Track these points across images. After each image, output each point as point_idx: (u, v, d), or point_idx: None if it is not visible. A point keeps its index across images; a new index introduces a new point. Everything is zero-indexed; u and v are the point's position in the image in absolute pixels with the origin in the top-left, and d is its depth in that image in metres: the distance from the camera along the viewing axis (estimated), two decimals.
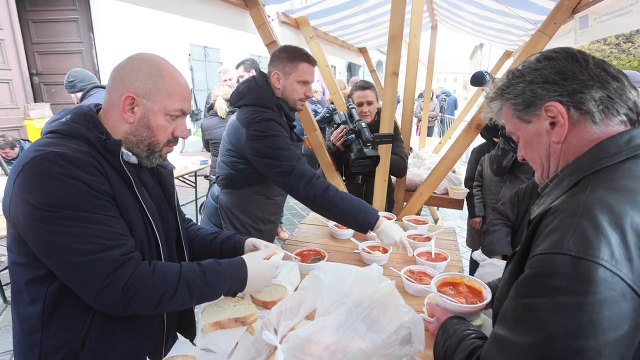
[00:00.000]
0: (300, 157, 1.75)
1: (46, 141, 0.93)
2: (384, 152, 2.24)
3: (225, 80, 4.25)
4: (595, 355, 0.55)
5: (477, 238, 3.02)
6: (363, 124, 2.15)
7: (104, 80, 5.15)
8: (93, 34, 6.59)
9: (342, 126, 2.33)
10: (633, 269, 0.56)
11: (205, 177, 4.73)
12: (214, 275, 1.04)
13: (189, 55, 9.78)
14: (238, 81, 3.76)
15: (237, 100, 1.83)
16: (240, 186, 1.91)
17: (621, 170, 0.69)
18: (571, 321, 0.56)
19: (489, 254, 1.69)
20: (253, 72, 3.60)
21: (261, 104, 1.75)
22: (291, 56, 1.75)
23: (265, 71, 1.88)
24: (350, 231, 1.98)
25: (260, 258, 1.19)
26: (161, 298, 0.95)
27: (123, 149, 1.02)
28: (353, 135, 2.19)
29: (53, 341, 0.96)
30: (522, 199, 1.79)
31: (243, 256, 1.17)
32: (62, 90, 6.70)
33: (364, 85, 2.54)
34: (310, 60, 1.77)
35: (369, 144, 2.11)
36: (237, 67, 3.85)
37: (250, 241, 1.34)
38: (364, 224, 1.62)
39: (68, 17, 6.45)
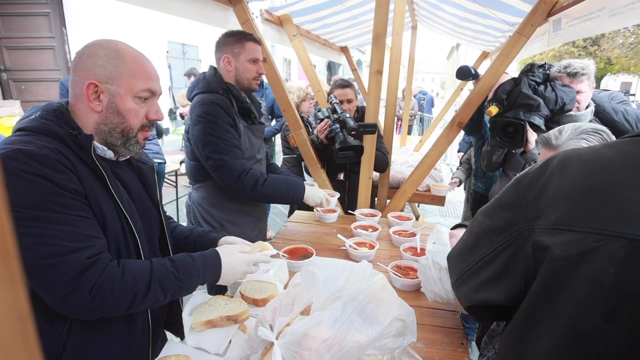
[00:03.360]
0: (235, 148, 1.75)
1: (13, 139, 0.89)
2: (369, 147, 2.27)
3: None
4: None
5: None
6: (347, 115, 2.25)
7: None
8: (65, 29, 6.36)
9: (325, 120, 2.35)
10: (538, 196, 0.63)
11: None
12: (187, 271, 1.02)
13: (167, 52, 9.58)
14: None
15: (189, 93, 1.90)
16: (205, 176, 1.88)
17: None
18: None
19: None
20: None
21: (208, 89, 1.81)
22: (237, 38, 1.83)
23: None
24: (334, 215, 2.15)
25: (236, 251, 1.16)
26: (133, 299, 0.92)
27: (97, 144, 0.99)
28: (337, 126, 2.22)
29: None
30: None
31: (217, 248, 1.15)
32: (33, 87, 6.47)
33: (344, 84, 2.57)
34: (255, 39, 1.86)
35: (354, 132, 2.15)
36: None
37: (226, 239, 1.31)
38: (295, 200, 1.91)
39: (38, 10, 6.20)
